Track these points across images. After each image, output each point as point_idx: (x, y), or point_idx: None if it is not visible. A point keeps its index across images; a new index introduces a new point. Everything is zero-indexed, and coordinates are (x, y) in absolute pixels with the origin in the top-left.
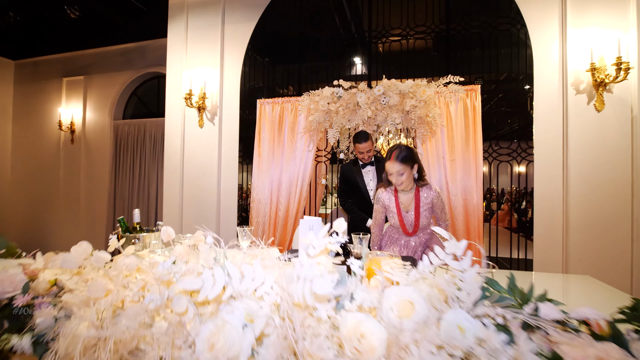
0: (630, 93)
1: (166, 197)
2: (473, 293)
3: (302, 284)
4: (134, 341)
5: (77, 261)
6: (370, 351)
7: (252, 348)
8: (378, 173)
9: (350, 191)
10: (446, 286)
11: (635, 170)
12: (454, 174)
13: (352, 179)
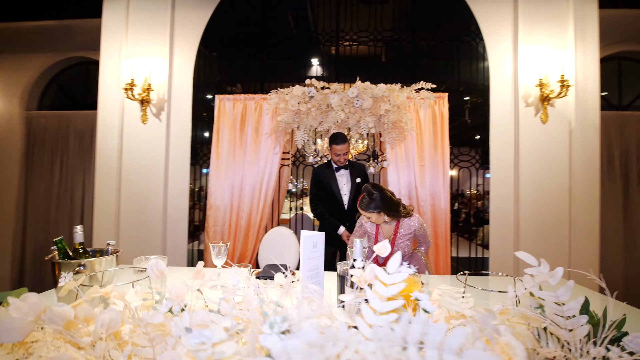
0: (569, 108)
1: (98, 204)
2: (578, 329)
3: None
4: None
5: (23, 328)
6: None
7: None
8: (352, 177)
9: (322, 195)
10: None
11: (572, 178)
12: (422, 179)
13: (325, 182)
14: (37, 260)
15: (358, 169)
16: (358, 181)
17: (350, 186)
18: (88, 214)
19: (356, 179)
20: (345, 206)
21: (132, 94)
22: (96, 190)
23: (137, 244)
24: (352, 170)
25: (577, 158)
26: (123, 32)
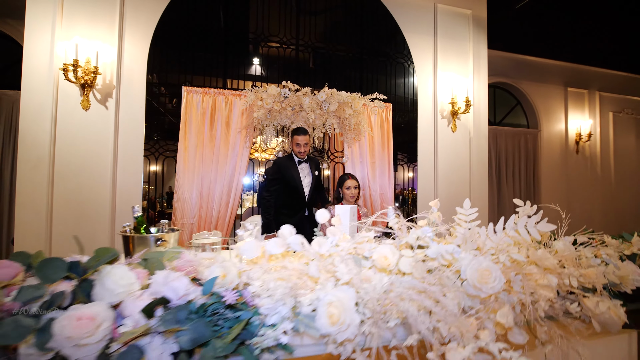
0: (469, 121)
1: (21, 201)
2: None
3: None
4: None
5: (255, 250)
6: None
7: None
8: (311, 170)
9: (282, 185)
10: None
11: (471, 172)
12: (374, 173)
13: (288, 173)
14: None
15: (315, 163)
16: (316, 174)
17: (310, 179)
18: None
19: (315, 171)
20: (306, 197)
21: (75, 76)
22: (18, 185)
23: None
24: (311, 164)
25: (474, 158)
26: (58, 9)
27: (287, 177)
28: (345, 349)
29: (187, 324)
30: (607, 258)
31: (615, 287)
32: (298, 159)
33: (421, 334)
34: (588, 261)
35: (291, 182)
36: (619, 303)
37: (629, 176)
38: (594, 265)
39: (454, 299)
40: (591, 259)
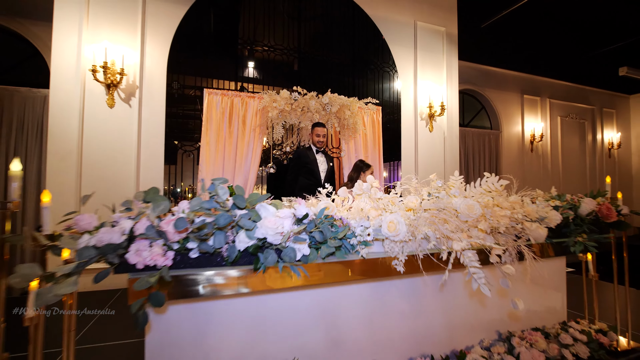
0: (444, 123)
1: (52, 190)
2: None
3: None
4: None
5: (344, 193)
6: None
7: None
8: (326, 161)
9: (303, 171)
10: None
11: (445, 166)
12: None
13: (307, 160)
14: None
15: (329, 157)
16: (331, 165)
17: (325, 167)
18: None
19: (329, 163)
20: (321, 181)
21: (105, 76)
22: (48, 175)
23: None
24: (326, 156)
25: (447, 154)
26: (84, 14)
27: (308, 163)
28: (395, 249)
29: (316, 229)
30: (539, 202)
31: (543, 221)
32: (316, 148)
33: (432, 243)
34: (527, 205)
35: (309, 166)
36: (543, 225)
37: (573, 171)
38: (530, 206)
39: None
40: (529, 204)
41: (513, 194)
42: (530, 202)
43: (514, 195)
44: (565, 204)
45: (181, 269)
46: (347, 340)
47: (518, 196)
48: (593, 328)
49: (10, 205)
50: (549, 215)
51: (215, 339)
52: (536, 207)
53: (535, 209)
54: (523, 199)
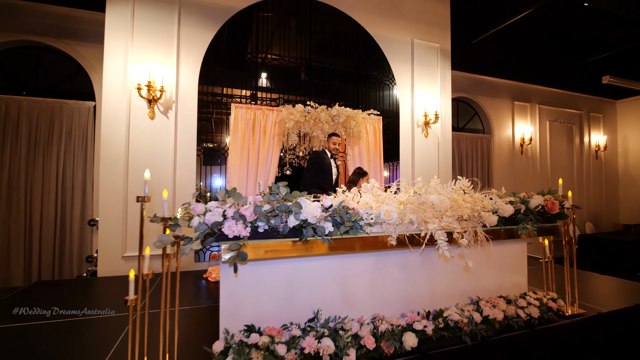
0: (438, 129)
1: (104, 189)
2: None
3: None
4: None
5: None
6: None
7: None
8: (336, 165)
9: (320, 170)
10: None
11: (439, 168)
12: (369, 168)
13: (325, 164)
14: None
15: (336, 163)
16: (337, 170)
17: (336, 170)
18: (37, 204)
19: (337, 169)
20: (333, 181)
21: (150, 93)
22: (101, 177)
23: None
24: (335, 162)
25: (441, 157)
26: (129, 40)
27: (324, 166)
28: (389, 229)
29: (337, 215)
30: (494, 198)
31: (496, 211)
32: (330, 153)
33: (415, 226)
34: (485, 199)
35: (324, 167)
36: (494, 215)
37: (561, 172)
38: (488, 201)
39: (429, 213)
40: (486, 199)
41: (478, 192)
42: (489, 198)
43: (478, 193)
44: (518, 200)
45: (253, 239)
46: (356, 297)
47: (481, 194)
48: (546, 297)
49: (147, 199)
50: (501, 208)
51: (266, 289)
52: (492, 201)
53: (491, 203)
54: (486, 195)
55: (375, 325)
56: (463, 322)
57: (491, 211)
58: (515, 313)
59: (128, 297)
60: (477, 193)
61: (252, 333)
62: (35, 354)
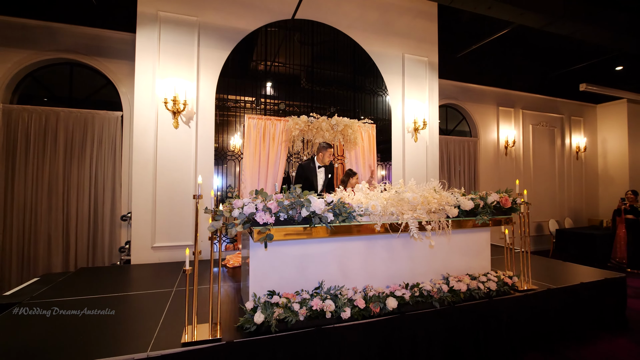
0: (426, 135)
1: (136, 189)
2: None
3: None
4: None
5: (349, 190)
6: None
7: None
8: (326, 174)
9: (304, 183)
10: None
11: (427, 171)
12: (365, 172)
13: (308, 175)
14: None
15: (330, 168)
16: (329, 177)
17: (324, 179)
18: (81, 206)
19: (328, 174)
20: (318, 188)
21: (176, 106)
22: (134, 178)
23: (170, 218)
24: (326, 169)
25: (429, 160)
26: (156, 60)
27: (307, 178)
28: (375, 220)
29: (336, 207)
30: (455, 194)
31: (459, 206)
32: (318, 164)
33: (395, 216)
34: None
35: (309, 178)
36: (455, 209)
37: (543, 172)
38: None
39: (405, 206)
40: (451, 196)
41: (448, 190)
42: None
43: (445, 192)
44: (478, 196)
45: (277, 225)
46: (351, 272)
47: (448, 192)
48: (504, 275)
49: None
50: (462, 203)
51: (283, 265)
52: (455, 197)
53: (454, 199)
54: (452, 193)
55: (366, 292)
56: (434, 291)
57: (454, 205)
58: (477, 286)
59: (186, 267)
60: (444, 192)
61: (273, 295)
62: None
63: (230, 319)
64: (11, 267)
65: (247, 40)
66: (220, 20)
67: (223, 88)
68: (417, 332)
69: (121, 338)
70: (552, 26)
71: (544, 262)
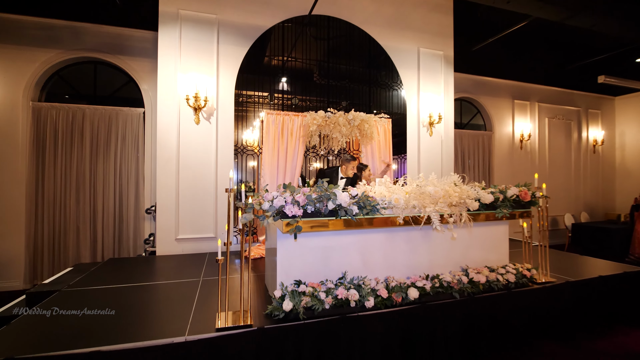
0: (441, 128)
1: (160, 183)
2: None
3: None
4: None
5: (369, 184)
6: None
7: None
8: (345, 184)
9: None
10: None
11: (442, 164)
12: (380, 164)
13: (330, 180)
14: (52, 239)
15: (350, 181)
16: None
17: (342, 189)
18: (107, 201)
19: (349, 185)
20: None
21: (197, 103)
22: (157, 173)
23: (193, 211)
24: (347, 179)
25: (444, 154)
26: (177, 58)
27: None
28: (398, 212)
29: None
30: (477, 189)
31: (479, 199)
32: (341, 175)
33: (417, 209)
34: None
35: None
36: (476, 202)
37: (559, 166)
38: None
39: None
40: (471, 189)
41: (466, 184)
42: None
43: (465, 185)
44: (498, 190)
45: (304, 217)
46: (372, 263)
47: (468, 186)
48: (523, 267)
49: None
50: (483, 196)
51: (309, 255)
52: (475, 191)
53: (475, 193)
54: (472, 187)
55: (388, 282)
56: (454, 282)
57: (474, 199)
58: (495, 278)
59: (218, 257)
60: (465, 185)
61: (300, 285)
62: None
63: (256, 306)
64: (43, 257)
65: (264, 37)
66: (238, 18)
67: (241, 84)
68: (437, 322)
69: (161, 323)
70: (573, 19)
71: (561, 256)
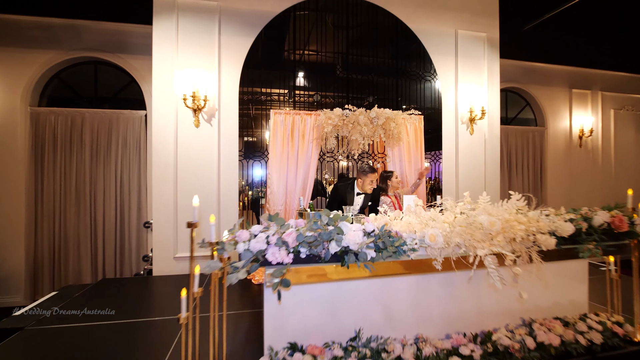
0: (484, 125)
1: (156, 194)
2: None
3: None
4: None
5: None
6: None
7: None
8: (365, 201)
9: (336, 205)
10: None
11: (486, 166)
12: (410, 169)
13: (343, 198)
14: (52, 252)
15: (374, 194)
16: (369, 204)
17: (360, 207)
18: (108, 208)
19: (368, 202)
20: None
21: (195, 103)
22: (153, 183)
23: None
24: (365, 196)
25: (488, 156)
26: (174, 53)
27: (342, 201)
28: (434, 253)
29: (380, 240)
30: (551, 217)
31: (554, 232)
32: (357, 190)
33: (462, 249)
34: (542, 218)
35: (342, 205)
36: (552, 237)
37: (628, 167)
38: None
39: (477, 234)
40: (543, 217)
41: (532, 209)
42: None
43: (532, 211)
44: (579, 217)
45: (296, 263)
46: (398, 317)
47: (537, 211)
48: (610, 320)
49: (195, 224)
50: (560, 227)
51: (308, 308)
52: (549, 220)
53: (548, 223)
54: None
55: (419, 347)
56: (514, 348)
57: (548, 232)
58: (573, 338)
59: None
60: (531, 211)
61: (295, 352)
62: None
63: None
64: (43, 271)
65: (272, 25)
66: (242, 3)
67: (247, 80)
68: None
69: None
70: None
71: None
